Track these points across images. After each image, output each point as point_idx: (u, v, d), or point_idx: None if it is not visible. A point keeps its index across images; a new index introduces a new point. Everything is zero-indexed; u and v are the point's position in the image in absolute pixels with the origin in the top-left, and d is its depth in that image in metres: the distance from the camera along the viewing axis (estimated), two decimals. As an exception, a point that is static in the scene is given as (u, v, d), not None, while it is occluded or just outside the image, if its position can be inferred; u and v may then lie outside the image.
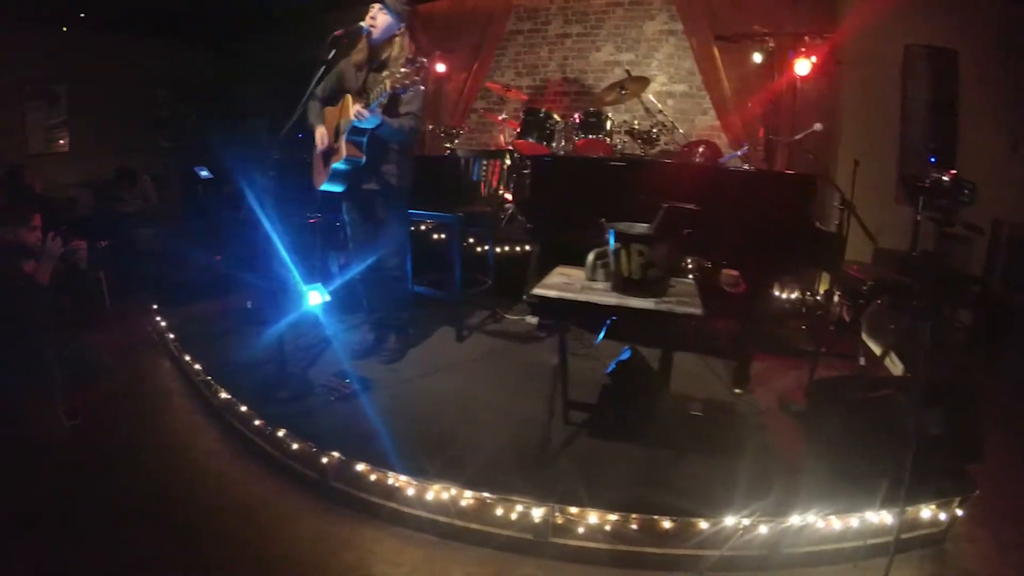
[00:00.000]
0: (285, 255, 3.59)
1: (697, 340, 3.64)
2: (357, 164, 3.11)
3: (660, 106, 5.10)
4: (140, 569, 2.18)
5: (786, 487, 2.29)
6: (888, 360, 3.77)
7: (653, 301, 2.31)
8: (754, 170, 4.32)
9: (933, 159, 4.74)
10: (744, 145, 5.05)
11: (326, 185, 3.26)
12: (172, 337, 3.98)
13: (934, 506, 2.26)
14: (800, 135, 4.26)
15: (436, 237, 4.61)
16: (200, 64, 7.54)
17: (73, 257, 3.85)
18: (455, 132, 5.26)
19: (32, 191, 5.36)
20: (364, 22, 3.06)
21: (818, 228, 3.42)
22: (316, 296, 3.30)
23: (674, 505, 2.21)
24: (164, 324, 4.18)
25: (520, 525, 2.26)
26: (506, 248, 4.45)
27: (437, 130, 5.41)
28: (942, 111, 4.77)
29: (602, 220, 2.36)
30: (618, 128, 4.93)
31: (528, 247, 4.32)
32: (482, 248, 4.19)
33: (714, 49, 5.38)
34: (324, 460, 2.56)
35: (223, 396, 3.16)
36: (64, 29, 6.55)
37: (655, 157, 4.86)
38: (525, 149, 4.83)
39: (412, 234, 3.64)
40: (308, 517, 2.44)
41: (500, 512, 2.28)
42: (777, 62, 5.19)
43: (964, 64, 4.76)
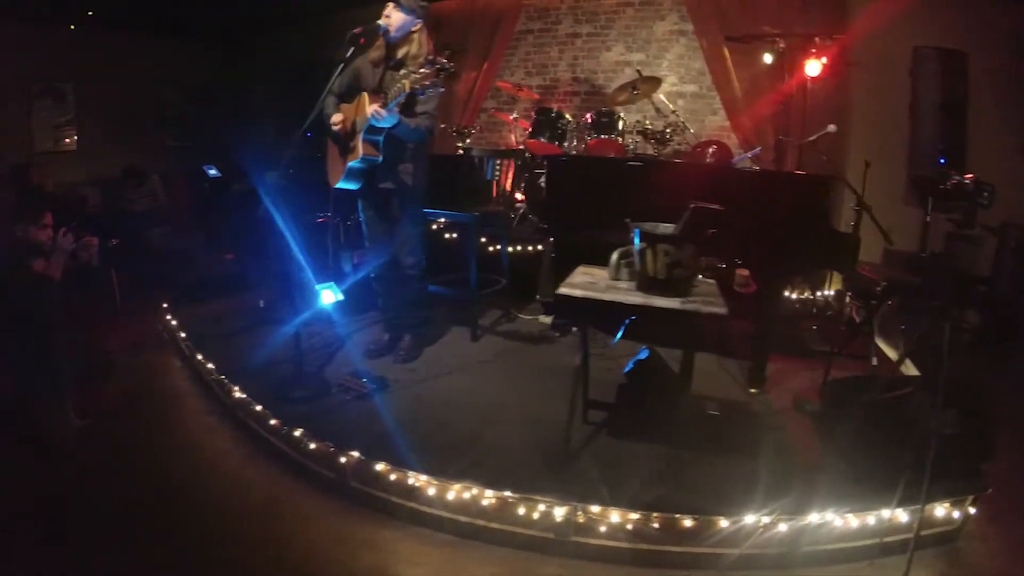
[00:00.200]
0: (299, 254, 3.59)
1: (719, 340, 3.64)
2: (374, 163, 3.10)
3: (672, 106, 5.09)
4: (157, 571, 2.16)
5: (804, 485, 2.31)
6: (901, 360, 3.78)
7: (679, 301, 2.31)
8: (771, 171, 4.32)
9: (943, 160, 4.74)
10: (756, 147, 5.05)
11: (342, 183, 3.24)
12: (183, 336, 3.97)
13: (948, 504, 2.27)
14: (814, 136, 4.26)
15: (448, 236, 4.60)
16: (208, 63, 7.53)
17: (85, 252, 3.84)
18: (467, 131, 5.25)
19: (42, 189, 5.35)
20: (380, 20, 3.05)
21: (835, 229, 3.43)
22: (329, 295, 3.29)
23: (694, 504, 2.22)
24: (175, 323, 4.17)
25: (542, 524, 2.25)
26: (518, 248, 4.44)
27: (449, 129, 5.40)
28: (951, 113, 4.76)
29: (627, 220, 2.35)
30: (630, 128, 4.92)
31: (540, 247, 4.31)
32: (495, 248, 4.18)
33: (724, 50, 5.37)
34: (343, 460, 2.54)
35: (237, 395, 3.14)
36: (72, 27, 6.54)
37: (667, 157, 4.85)
38: (537, 149, 4.83)
39: (425, 233, 3.63)
40: (326, 517, 2.42)
41: (522, 511, 2.27)
42: (787, 63, 5.18)
43: (973, 65, 4.76)
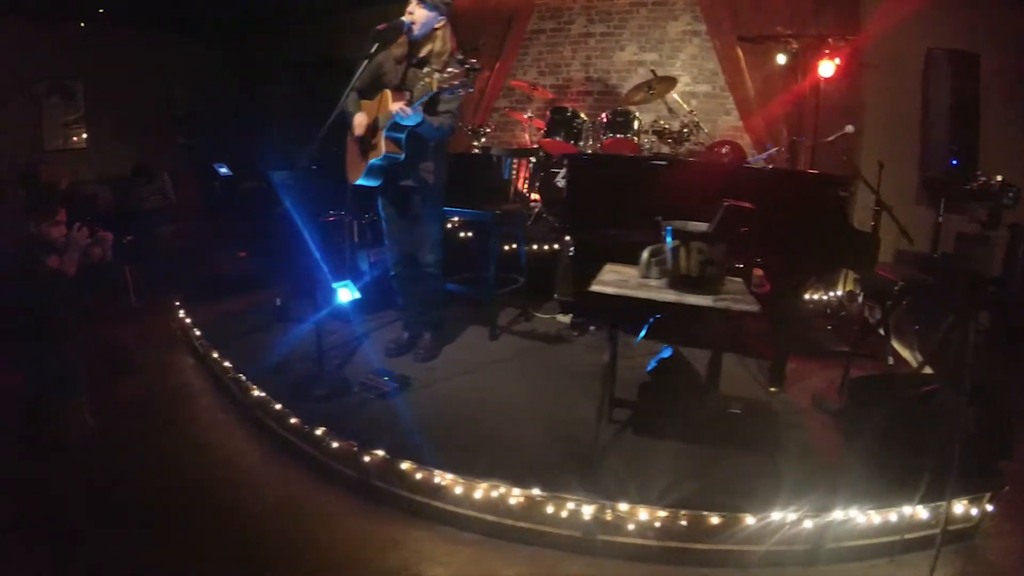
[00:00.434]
0: (315, 251, 3.57)
1: (740, 339, 3.64)
2: (396, 160, 3.08)
3: (687, 107, 5.08)
4: (177, 570, 2.15)
5: (827, 483, 2.32)
6: (915, 361, 3.78)
7: (711, 298, 2.31)
8: (793, 170, 4.31)
9: (955, 162, 4.73)
10: (773, 147, 5.06)
11: (362, 180, 3.22)
12: (198, 334, 3.95)
13: (966, 501, 2.29)
14: (832, 137, 4.25)
15: (463, 235, 4.58)
16: (218, 60, 7.51)
17: (99, 247, 3.82)
18: (481, 130, 5.24)
19: (55, 186, 5.33)
20: (404, 17, 3.03)
21: (856, 229, 3.43)
22: (346, 293, 3.27)
23: (721, 501, 2.23)
24: (188, 321, 4.15)
25: (569, 523, 2.25)
26: (533, 247, 4.43)
27: (464, 128, 5.39)
28: (963, 114, 4.75)
29: (658, 218, 2.34)
30: (646, 128, 4.91)
31: (557, 246, 4.30)
32: (510, 247, 4.17)
33: (737, 50, 5.36)
34: (367, 459, 2.52)
35: (256, 394, 3.12)
36: (81, 25, 6.52)
37: (682, 157, 4.84)
38: (552, 148, 4.81)
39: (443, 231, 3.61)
40: (350, 517, 2.41)
41: (551, 510, 2.26)
42: (800, 64, 5.18)
43: (985, 66, 4.76)
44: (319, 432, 2.70)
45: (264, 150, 6.10)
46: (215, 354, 3.61)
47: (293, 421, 2.84)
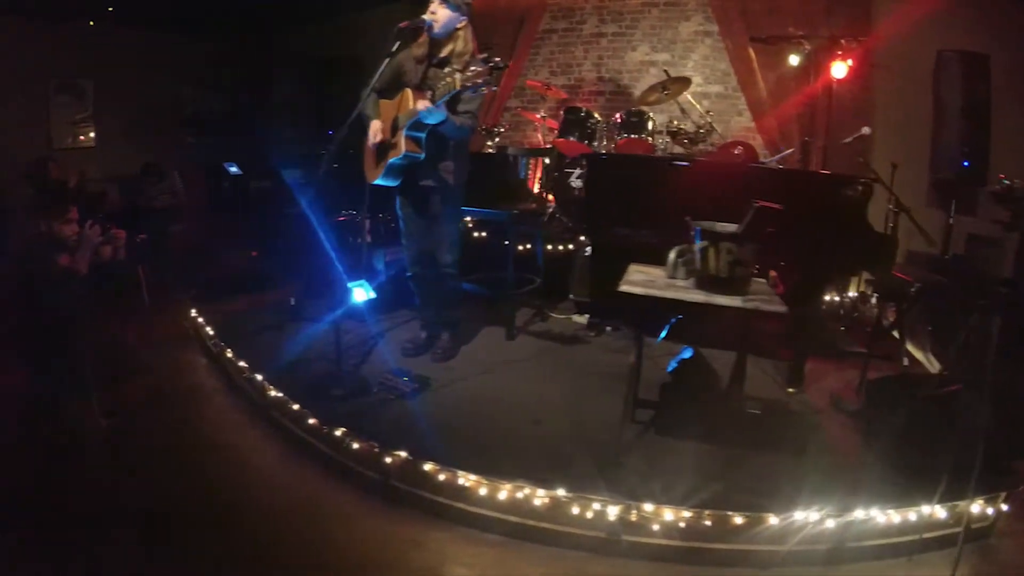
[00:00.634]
0: (330, 251, 3.55)
1: (760, 340, 3.64)
2: (416, 160, 3.06)
3: (700, 108, 5.07)
4: (193, 572, 2.13)
5: (848, 482, 2.33)
6: (928, 361, 3.78)
7: (740, 299, 2.30)
8: (813, 172, 4.30)
9: (966, 163, 4.72)
10: (783, 148, 5.04)
11: (380, 180, 3.20)
12: (211, 333, 3.92)
13: (982, 501, 2.29)
14: (848, 139, 4.23)
15: (478, 235, 4.56)
16: (228, 60, 7.49)
17: (112, 245, 3.80)
18: (496, 130, 5.22)
19: (64, 184, 5.30)
20: (425, 15, 3.01)
21: (875, 231, 3.43)
22: (361, 293, 3.26)
23: (744, 501, 2.23)
24: (201, 320, 4.12)
25: (594, 524, 2.24)
26: (548, 247, 4.41)
27: (479, 128, 5.38)
28: (974, 115, 4.74)
29: (687, 218, 2.33)
30: (660, 128, 4.90)
31: (571, 246, 4.29)
32: (525, 247, 4.15)
33: (750, 51, 5.35)
34: (388, 460, 2.50)
35: (273, 394, 3.10)
36: (91, 24, 6.51)
37: (700, 158, 4.84)
38: (567, 148, 4.80)
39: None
40: (371, 518, 2.39)
41: (576, 511, 2.25)
42: (812, 65, 5.17)
43: (995, 68, 4.75)
44: (339, 433, 2.68)
45: (273, 149, 6.10)
46: (229, 353, 3.59)
47: (311, 422, 2.82)
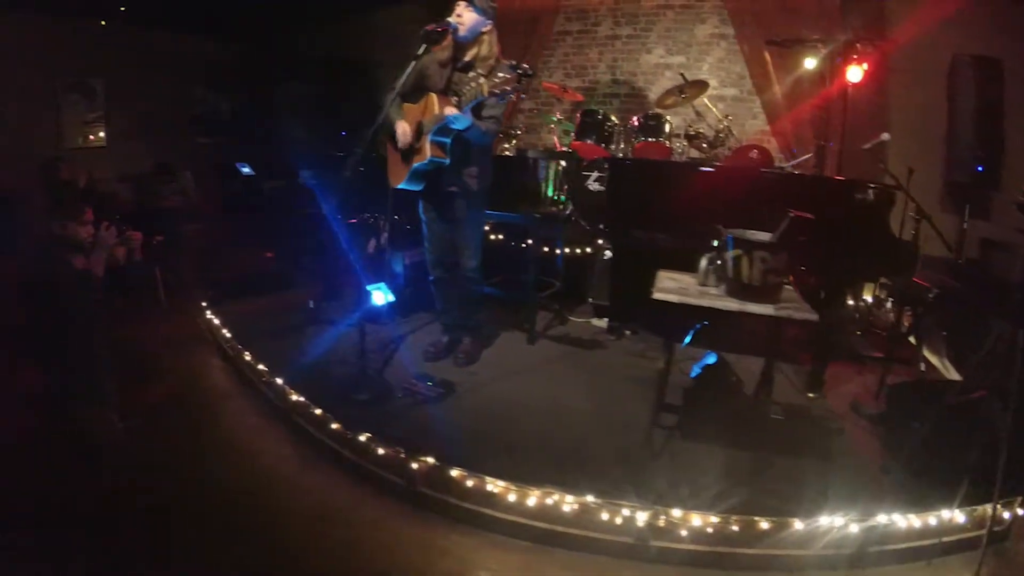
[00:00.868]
0: (349, 253, 3.54)
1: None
2: (440, 165, 3.05)
3: (716, 112, 5.06)
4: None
5: (871, 487, 2.35)
6: (944, 367, 3.78)
7: (772, 307, 2.30)
8: (838, 179, 4.29)
9: (980, 168, 4.72)
10: (796, 151, 5.02)
11: (404, 184, 3.19)
12: (228, 335, 3.90)
13: (1000, 505, 2.26)
14: (868, 145, 4.22)
15: (494, 237, 4.54)
16: (239, 60, 7.48)
17: (127, 247, 3.79)
18: (513, 132, 5.20)
19: (75, 184, 5.28)
20: (451, 18, 2.99)
21: (897, 238, 3.43)
22: (380, 296, 3.25)
23: (769, 506, 2.24)
24: (217, 321, 4.10)
25: (621, 529, 2.23)
26: (566, 250, 4.39)
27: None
28: (988, 120, 4.74)
29: (719, 227, 2.33)
30: (677, 132, 4.89)
31: (589, 249, 4.27)
32: (539, 249, 4.13)
33: (765, 54, 5.34)
34: (414, 466, 2.48)
35: (294, 398, 3.08)
36: (103, 23, 6.49)
37: (719, 162, 4.83)
38: (585, 151, 4.78)
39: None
40: (397, 524, 2.37)
41: (605, 516, 2.24)
42: (828, 68, 5.16)
43: (1009, 73, 4.74)
44: (363, 438, 2.66)
45: (285, 149, 6.09)
46: (247, 356, 3.57)
47: (335, 426, 2.80)
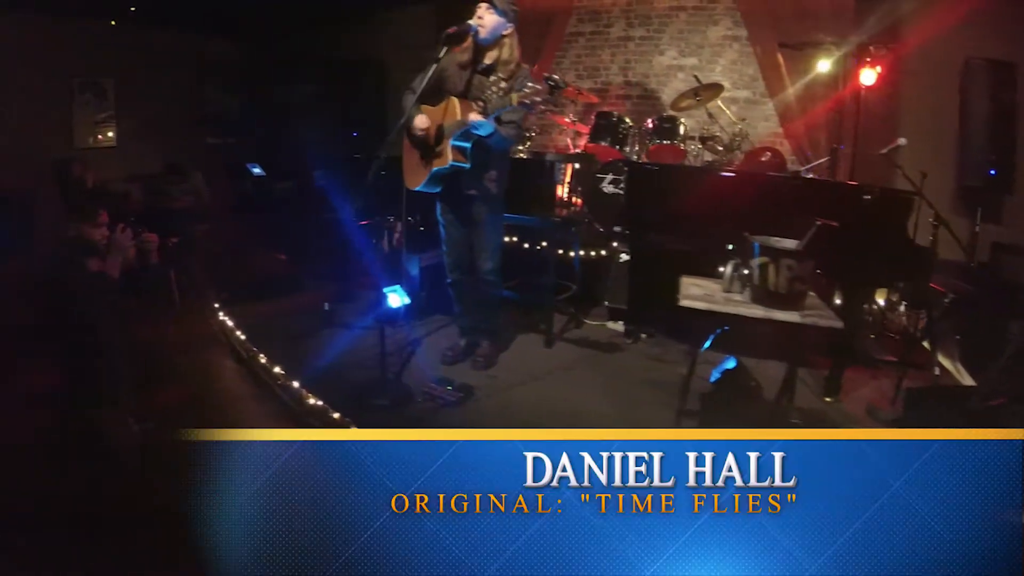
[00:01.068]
0: (365, 255, 3.53)
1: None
2: (462, 169, 3.04)
3: (730, 114, 5.05)
4: None
5: None
6: (958, 371, 3.77)
7: (799, 314, 2.29)
8: (859, 185, 4.29)
9: (993, 172, 4.72)
10: (810, 155, 5.02)
11: (423, 187, 3.19)
12: (243, 338, 3.90)
13: None
14: (885, 150, 4.21)
15: (509, 240, 4.53)
16: (249, 60, 7.47)
17: (143, 248, 3.78)
18: (527, 134, 5.19)
19: (84, 184, 5.27)
20: (472, 20, 2.98)
21: (916, 244, 3.44)
22: (396, 298, 3.24)
23: None
24: (231, 323, 4.09)
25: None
26: (580, 253, 4.38)
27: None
28: (1001, 124, 4.73)
29: (746, 233, 2.33)
30: (691, 134, 4.87)
31: (603, 252, 4.27)
32: (555, 252, 4.13)
33: (778, 56, 5.32)
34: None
35: (312, 402, 3.07)
36: (112, 23, 6.49)
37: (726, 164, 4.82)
38: (597, 154, 4.77)
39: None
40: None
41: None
42: (841, 71, 5.15)
43: (1022, 77, 4.73)
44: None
45: (295, 150, 6.09)
46: (263, 359, 3.57)
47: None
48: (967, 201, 4.84)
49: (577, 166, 4.65)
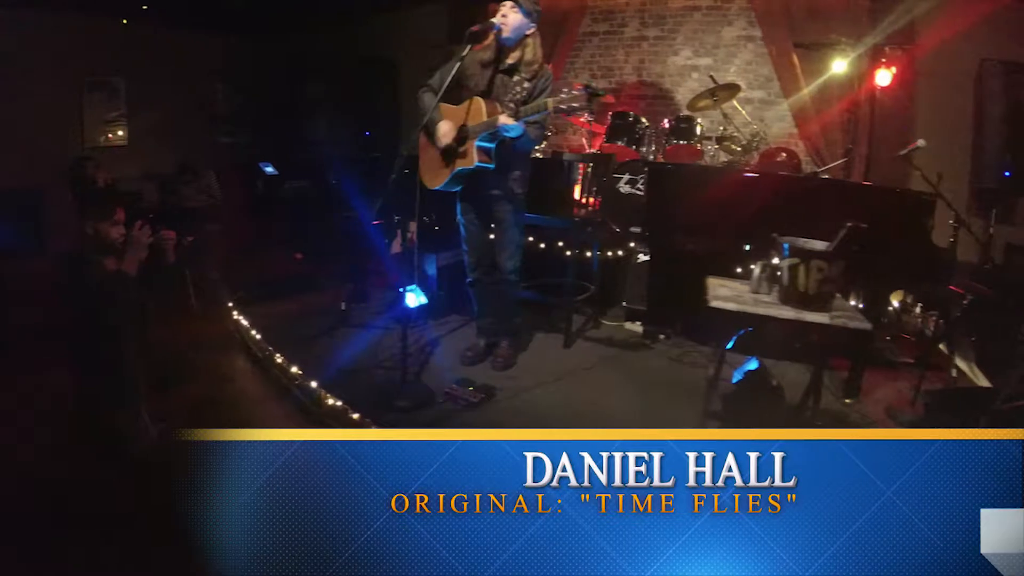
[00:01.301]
0: (382, 255, 3.51)
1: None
2: (486, 170, 3.03)
3: (747, 116, 5.04)
4: None
5: None
6: (974, 373, 3.76)
7: (827, 316, 2.28)
8: (879, 186, 4.28)
9: (1008, 173, 4.71)
10: (825, 155, 5.00)
11: (444, 186, 3.17)
12: (259, 338, 3.88)
13: None
14: (904, 151, 4.20)
15: (528, 240, 4.52)
16: (261, 58, 7.47)
17: (160, 246, 3.76)
18: (544, 134, 5.16)
19: (94, 183, 5.25)
20: (495, 19, 2.96)
21: (936, 245, 3.43)
22: (413, 298, 3.23)
23: None
24: (246, 323, 4.08)
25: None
26: (598, 254, 4.36)
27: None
28: (1016, 125, 4.72)
29: (774, 235, 2.32)
30: (708, 134, 4.86)
31: (620, 252, 4.25)
32: (573, 252, 4.11)
33: (793, 56, 5.30)
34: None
35: (331, 403, 3.06)
36: (124, 21, 6.49)
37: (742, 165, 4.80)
38: (617, 154, 4.75)
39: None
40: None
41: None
42: (856, 72, 5.14)
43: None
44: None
45: (308, 149, 6.08)
46: (279, 359, 3.55)
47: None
48: (981, 202, 4.83)
49: (593, 166, 4.64)
